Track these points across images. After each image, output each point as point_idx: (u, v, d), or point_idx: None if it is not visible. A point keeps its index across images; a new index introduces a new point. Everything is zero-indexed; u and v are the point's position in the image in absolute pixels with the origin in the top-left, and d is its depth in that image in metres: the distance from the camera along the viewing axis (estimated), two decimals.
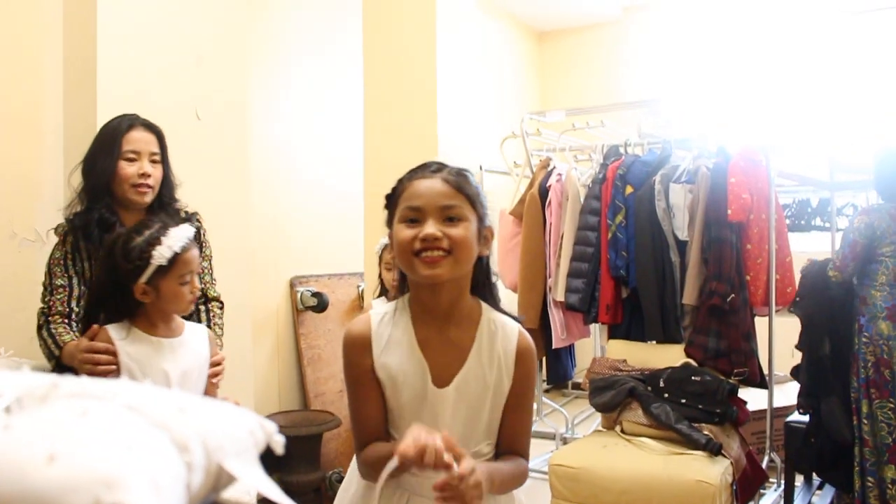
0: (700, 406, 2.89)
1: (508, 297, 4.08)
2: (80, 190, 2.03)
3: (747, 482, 2.86)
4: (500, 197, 4.42)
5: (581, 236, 3.65)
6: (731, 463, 2.71)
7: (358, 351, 1.31)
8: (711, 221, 3.22)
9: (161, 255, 1.70)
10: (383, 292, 2.94)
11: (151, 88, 2.57)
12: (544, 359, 4.05)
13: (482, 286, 1.37)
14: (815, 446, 2.96)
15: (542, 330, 3.83)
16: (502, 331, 1.34)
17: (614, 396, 3.03)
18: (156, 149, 2.08)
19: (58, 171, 2.55)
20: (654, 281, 3.38)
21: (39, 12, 2.52)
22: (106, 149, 2.01)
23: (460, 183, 1.28)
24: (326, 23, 4.22)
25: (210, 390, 1.87)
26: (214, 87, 2.87)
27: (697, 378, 2.96)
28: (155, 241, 1.71)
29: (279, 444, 0.60)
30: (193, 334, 1.84)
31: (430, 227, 1.23)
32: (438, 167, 1.31)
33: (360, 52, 3.51)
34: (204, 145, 2.71)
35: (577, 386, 5.26)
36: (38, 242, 2.53)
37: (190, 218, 2.09)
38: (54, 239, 2.46)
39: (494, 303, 1.38)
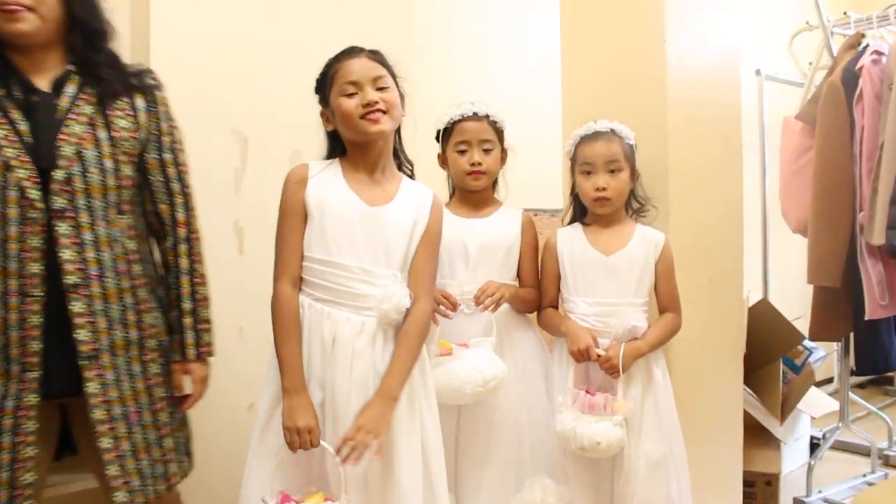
0: None
1: (797, 244, 2.84)
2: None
3: None
4: (787, 112, 3.15)
5: None
6: None
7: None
8: None
9: None
10: (577, 216, 1.95)
11: None
12: (851, 335, 2.74)
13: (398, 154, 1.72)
14: None
15: (847, 290, 2.54)
16: (420, 189, 1.68)
17: None
18: None
19: None
20: None
21: None
22: None
23: (381, 58, 1.61)
24: None
25: None
26: None
27: None
28: None
29: None
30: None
31: (371, 94, 1.54)
32: (360, 48, 1.60)
33: None
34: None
35: None
36: None
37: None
38: None
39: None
